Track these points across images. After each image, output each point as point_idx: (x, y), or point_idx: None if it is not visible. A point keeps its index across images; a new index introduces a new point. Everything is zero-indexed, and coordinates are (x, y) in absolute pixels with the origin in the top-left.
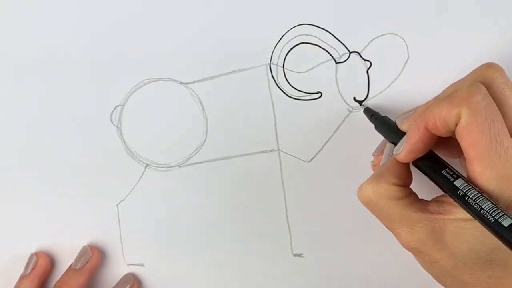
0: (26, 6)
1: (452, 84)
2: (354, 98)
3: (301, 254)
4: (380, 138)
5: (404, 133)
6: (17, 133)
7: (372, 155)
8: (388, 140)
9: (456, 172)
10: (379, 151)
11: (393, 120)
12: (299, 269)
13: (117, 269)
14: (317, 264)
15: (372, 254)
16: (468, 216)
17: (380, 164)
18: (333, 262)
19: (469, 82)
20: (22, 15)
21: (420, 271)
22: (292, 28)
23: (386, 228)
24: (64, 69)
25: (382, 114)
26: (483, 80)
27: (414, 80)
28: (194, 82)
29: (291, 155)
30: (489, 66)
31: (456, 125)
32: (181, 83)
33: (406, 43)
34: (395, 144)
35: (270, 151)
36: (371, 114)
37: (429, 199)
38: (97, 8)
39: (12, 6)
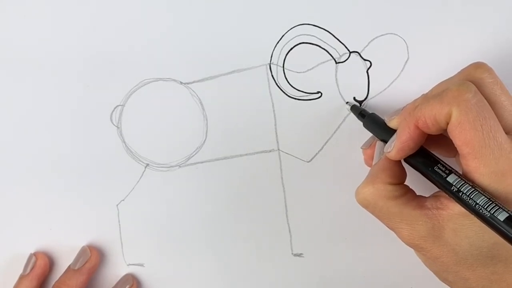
0: (27, 6)
1: (440, 83)
2: (354, 98)
3: (301, 254)
4: None
5: (393, 130)
6: (17, 133)
7: (361, 148)
8: (377, 137)
9: (449, 167)
10: (368, 144)
11: (381, 118)
12: (299, 269)
13: (117, 269)
14: (317, 264)
15: (372, 254)
16: (465, 210)
17: (373, 163)
18: (333, 262)
19: (458, 81)
20: (23, 15)
21: (420, 271)
22: (292, 28)
23: (387, 228)
24: (64, 69)
25: (370, 112)
26: (472, 79)
27: (414, 80)
28: (194, 82)
29: (291, 155)
30: (478, 66)
31: (447, 123)
32: (181, 83)
33: (406, 43)
34: (385, 142)
35: (270, 151)
36: (358, 112)
37: (427, 195)
38: (97, 8)
39: (13, 6)
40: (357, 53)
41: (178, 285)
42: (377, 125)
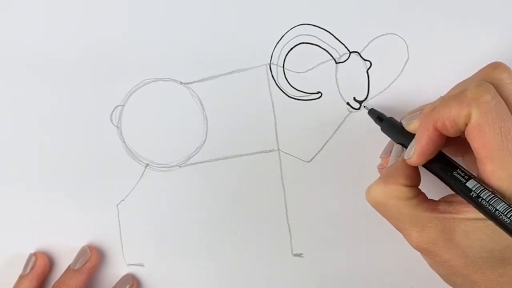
0: (27, 7)
1: (459, 84)
2: (354, 98)
3: (301, 254)
4: (380, 138)
5: (410, 134)
6: (17, 133)
7: (380, 157)
8: (395, 141)
9: (468, 173)
10: (387, 153)
11: (399, 121)
12: (299, 269)
13: (117, 269)
14: (317, 264)
15: (372, 254)
16: (479, 215)
17: (388, 165)
18: (333, 262)
19: (476, 82)
20: (22, 15)
21: (420, 271)
22: (292, 28)
23: (396, 229)
24: (65, 69)
25: (388, 116)
26: (491, 80)
27: (414, 80)
28: (194, 82)
29: (291, 155)
30: (496, 66)
31: (466, 125)
32: (181, 83)
33: (406, 43)
34: (403, 145)
35: (270, 151)
36: (376, 116)
37: (437, 199)
38: (97, 8)
39: (13, 6)
40: (357, 53)
41: (178, 285)
42: (395, 130)
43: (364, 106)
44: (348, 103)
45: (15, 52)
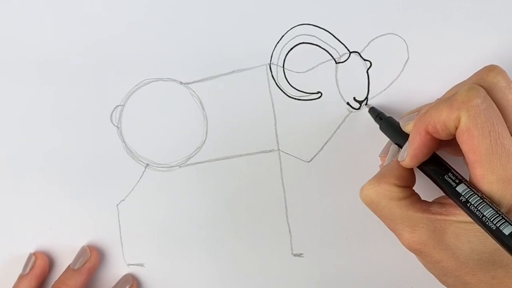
0: (28, 7)
1: (453, 87)
2: (354, 98)
3: (301, 254)
4: (379, 138)
5: (407, 135)
6: (17, 133)
7: (379, 156)
8: (392, 141)
9: (459, 177)
10: (386, 152)
11: (398, 121)
12: (299, 269)
13: (117, 269)
14: (317, 264)
15: (372, 254)
16: (470, 218)
17: (384, 164)
18: (333, 262)
19: (467, 85)
20: (23, 16)
21: (419, 271)
22: (292, 28)
23: (389, 229)
24: (65, 69)
25: (387, 115)
26: (485, 83)
27: (414, 80)
28: (194, 82)
29: (291, 155)
30: (491, 69)
31: (456, 128)
32: (181, 83)
33: (406, 43)
34: (399, 145)
35: (270, 151)
36: (376, 114)
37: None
38: (97, 9)
39: (13, 7)
40: (357, 53)
41: (178, 285)
42: (393, 130)
43: (365, 104)
44: (348, 103)
45: (15, 51)
